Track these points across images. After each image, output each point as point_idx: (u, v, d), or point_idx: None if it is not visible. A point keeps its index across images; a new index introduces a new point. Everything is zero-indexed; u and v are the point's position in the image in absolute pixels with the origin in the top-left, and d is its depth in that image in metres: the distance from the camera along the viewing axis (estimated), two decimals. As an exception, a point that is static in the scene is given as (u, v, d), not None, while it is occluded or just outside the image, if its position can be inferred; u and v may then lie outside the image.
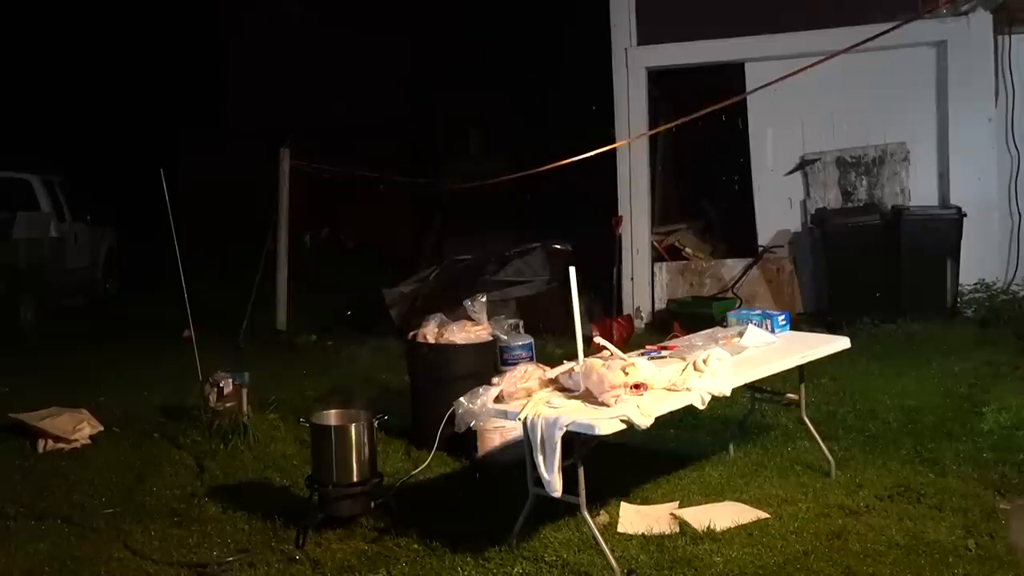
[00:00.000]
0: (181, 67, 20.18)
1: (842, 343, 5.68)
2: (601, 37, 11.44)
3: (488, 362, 6.29)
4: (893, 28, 7.52)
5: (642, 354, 5.23)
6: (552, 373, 4.72)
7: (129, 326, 12.22)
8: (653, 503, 5.22)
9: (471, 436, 5.78)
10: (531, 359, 6.15)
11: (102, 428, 7.04)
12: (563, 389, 4.63)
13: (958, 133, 10.39)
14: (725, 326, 6.03)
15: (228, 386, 6.82)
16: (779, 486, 5.38)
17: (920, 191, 10.56)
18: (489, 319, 6.49)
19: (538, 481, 4.33)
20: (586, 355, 4.72)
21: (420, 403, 6.49)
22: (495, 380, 4.69)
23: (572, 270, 4.80)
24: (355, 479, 4.94)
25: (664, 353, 5.25)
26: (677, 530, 4.81)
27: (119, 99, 20.13)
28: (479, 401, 4.56)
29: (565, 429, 4.21)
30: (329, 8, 18.41)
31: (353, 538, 4.91)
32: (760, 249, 11.08)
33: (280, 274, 10.97)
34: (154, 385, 8.47)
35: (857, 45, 7.36)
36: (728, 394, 4.74)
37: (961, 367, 7.81)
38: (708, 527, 4.78)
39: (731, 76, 10.82)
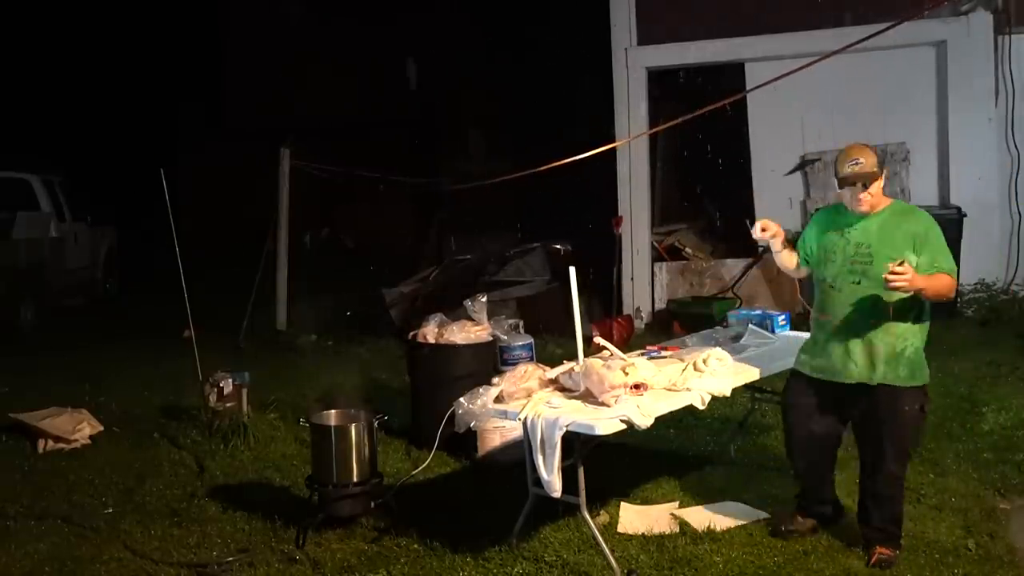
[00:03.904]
0: (181, 67, 20.16)
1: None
2: (601, 36, 11.44)
3: (488, 362, 6.29)
4: (892, 26, 7.51)
5: (642, 354, 5.23)
6: (552, 373, 4.72)
7: (129, 326, 12.20)
8: (653, 503, 5.22)
9: (471, 436, 5.79)
10: (531, 359, 6.15)
11: (102, 428, 7.04)
12: (563, 389, 4.64)
13: (958, 133, 10.38)
14: (725, 326, 6.04)
15: (228, 386, 6.83)
16: (779, 486, 5.38)
17: (920, 191, 10.55)
18: (489, 319, 6.49)
19: (538, 481, 4.34)
20: (586, 355, 4.72)
21: (420, 403, 6.49)
22: (495, 380, 4.69)
23: (572, 270, 4.80)
24: (355, 479, 4.95)
25: (664, 353, 5.26)
26: (677, 530, 4.81)
27: (119, 99, 20.12)
28: (479, 401, 4.57)
29: (565, 429, 4.22)
30: (329, 8, 18.40)
31: (353, 538, 4.91)
32: (760, 249, 11.07)
33: (280, 274, 10.97)
34: (154, 385, 8.47)
35: (857, 43, 7.36)
36: (728, 394, 4.75)
37: (961, 367, 7.80)
38: (708, 527, 4.79)
39: (731, 76, 10.82)
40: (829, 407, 4.51)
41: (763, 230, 4.65)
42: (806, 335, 5.55)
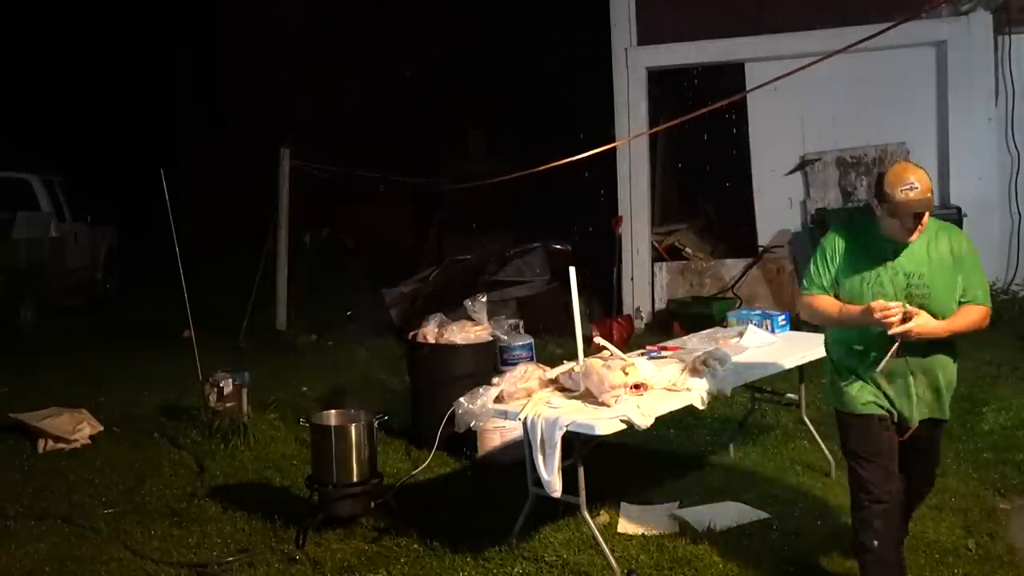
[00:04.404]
0: (181, 67, 20.17)
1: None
2: (601, 36, 11.43)
3: (488, 362, 6.30)
4: (893, 26, 7.51)
5: (642, 354, 5.23)
6: (552, 373, 4.72)
7: (129, 326, 12.21)
8: (653, 503, 5.22)
9: (471, 436, 5.79)
10: (531, 359, 6.16)
11: (102, 428, 7.04)
12: (563, 389, 4.63)
13: (958, 133, 10.38)
14: (725, 326, 6.03)
15: (228, 386, 6.83)
16: (779, 486, 5.39)
17: (920, 191, 10.53)
18: (489, 319, 6.49)
19: (538, 481, 4.34)
20: (586, 355, 4.72)
21: (420, 403, 6.49)
22: (495, 380, 4.69)
23: (572, 270, 4.80)
24: (355, 479, 4.95)
25: (664, 353, 5.26)
26: (677, 530, 4.81)
27: (119, 99, 20.11)
28: (479, 401, 4.56)
29: (565, 429, 4.22)
30: (329, 8, 18.40)
31: (353, 538, 4.91)
32: (760, 249, 11.08)
33: (280, 274, 10.98)
34: (154, 385, 8.47)
35: (857, 43, 7.35)
36: (728, 394, 4.74)
37: (961, 367, 7.74)
38: (708, 527, 4.79)
39: (731, 76, 10.82)
40: (895, 450, 3.90)
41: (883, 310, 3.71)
42: (806, 336, 5.57)
